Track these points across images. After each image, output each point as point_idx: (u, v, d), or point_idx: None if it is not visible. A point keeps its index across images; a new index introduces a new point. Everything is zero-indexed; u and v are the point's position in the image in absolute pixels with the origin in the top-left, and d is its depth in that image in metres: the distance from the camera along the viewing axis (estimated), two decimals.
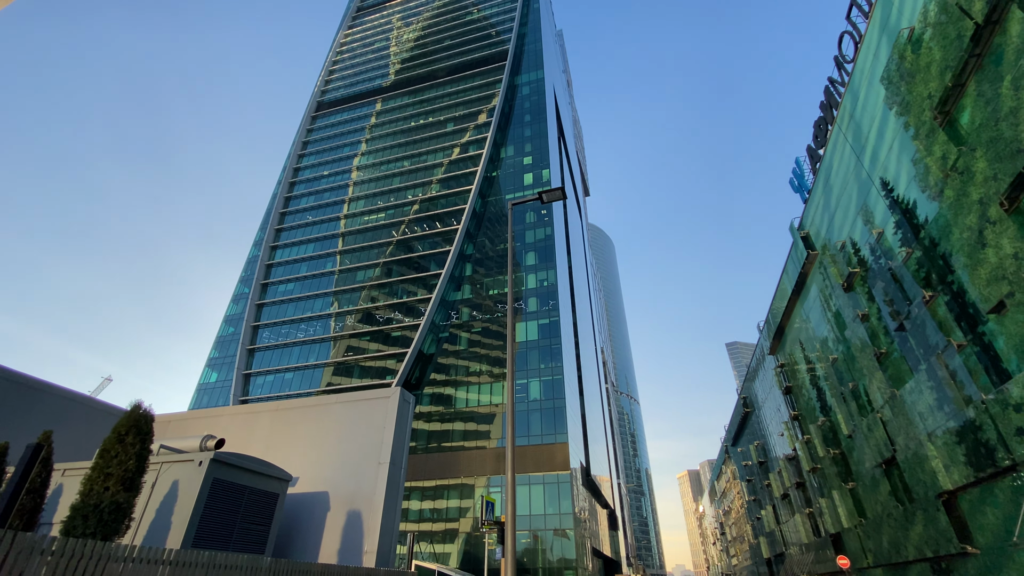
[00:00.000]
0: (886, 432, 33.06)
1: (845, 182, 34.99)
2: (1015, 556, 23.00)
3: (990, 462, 23.29)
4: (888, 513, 34.23)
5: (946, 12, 21.25)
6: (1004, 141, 19.22)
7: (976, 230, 21.63)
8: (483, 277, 59.10)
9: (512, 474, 8.18)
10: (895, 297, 29.90)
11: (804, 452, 49.56)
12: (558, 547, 39.64)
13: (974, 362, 24.29)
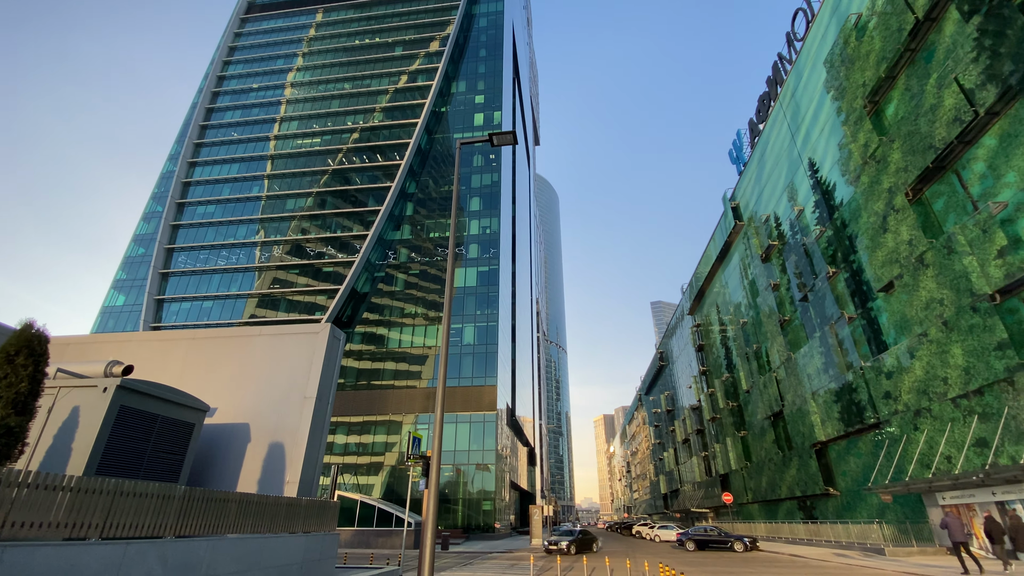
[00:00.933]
0: (778, 389, 37.23)
1: (778, 159, 36.90)
2: (866, 498, 27.40)
3: (859, 419, 27.07)
4: (770, 458, 39.21)
5: (892, 2, 22.15)
6: (920, 136, 20.96)
7: (881, 216, 23.86)
8: (424, 218, 57.46)
9: (440, 412, 8.34)
10: (804, 271, 32.78)
11: (707, 403, 54.85)
12: (479, 480, 41.98)
13: (860, 333, 27.54)
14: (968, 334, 18.74)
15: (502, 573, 17.83)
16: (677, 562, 21.20)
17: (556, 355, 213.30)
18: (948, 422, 20.08)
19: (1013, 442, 16.85)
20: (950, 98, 19.05)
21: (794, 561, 21.65)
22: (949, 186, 20.51)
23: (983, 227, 17.97)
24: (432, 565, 6.54)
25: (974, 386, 18.60)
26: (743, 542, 28.01)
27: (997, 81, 16.94)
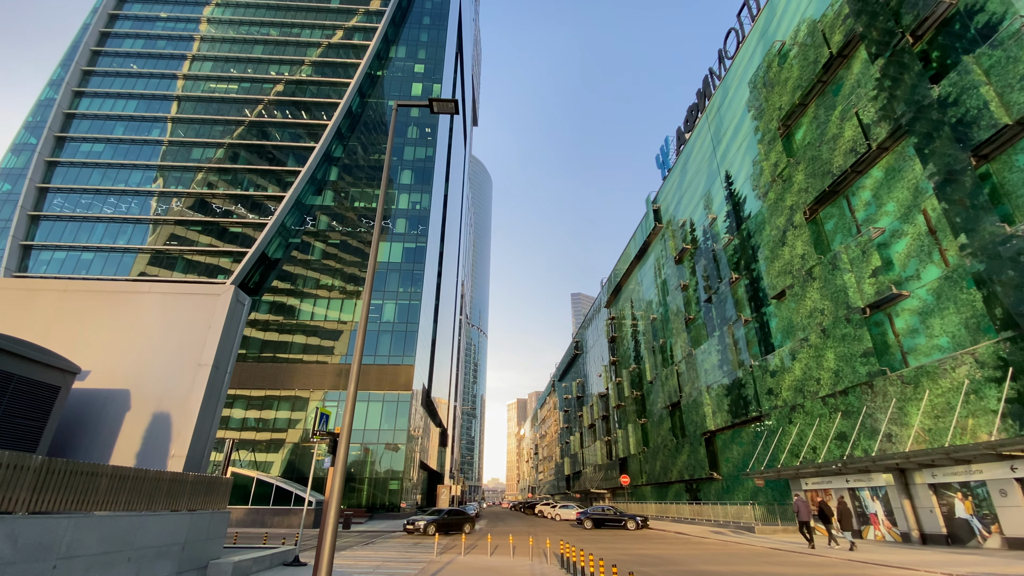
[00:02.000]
0: (678, 382, 40.24)
1: (699, 168, 39.34)
2: (744, 482, 30.51)
3: (744, 412, 29.98)
4: (665, 444, 42.43)
5: (812, 36, 24.18)
6: (820, 161, 23.25)
7: (782, 230, 26.32)
8: (349, 186, 54.37)
9: (354, 389, 7.93)
10: (711, 275, 35.46)
11: (614, 391, 58.05)
12: (387, 459, 41.24)
13: (752, 335, 30.38)
14: (840, 342, 21.30)
15: (405, 551, 17.66)
16: (576, 539, 22.29)
17: (477, 339, 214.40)
18: (817, 418, 22.81)
19: (867, 437, 19.49)
20: (850, 130, 21.27)
21: (679, 538, 23.64)
22: (840, 209, 23.01)
23: (863, 248, 20.39)
24: (334, 544, 6.21)
25: (841, 387, 21.24)
26: (636, 521, 30.09)
27: (890, 120, 19.14)
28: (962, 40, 17.06)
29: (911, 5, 18.48)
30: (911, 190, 18.80)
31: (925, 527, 17.62)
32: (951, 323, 16.93)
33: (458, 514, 26.44)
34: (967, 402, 15.65)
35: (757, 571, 12.84)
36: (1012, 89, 14.65)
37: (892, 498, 18.86)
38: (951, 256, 17.09)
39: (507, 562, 14.53)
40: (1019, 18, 14.64)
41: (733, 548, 18.72)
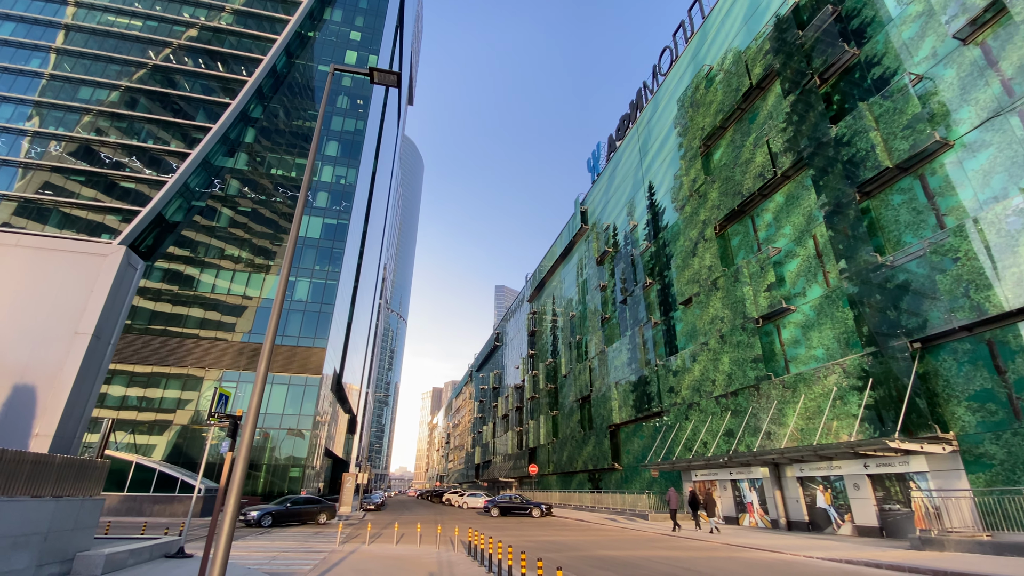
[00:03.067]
0: (590, 377, 42.14)
1: (626, 176, 41.22)
2: (641, 473, 32.68)
3: (647, 407, 32.07)
4: (573, 436, 44.31)
5: (736, 65, 26.15)
6: (733, 182, 25.32)
7: (694, 242, 28.36)
8: (267, 151, 50.21)
9: (265, 370, 7.38)
10: (628, 278, 37.42)
11: (530, 383, 59.51)
12: (289, 446, 39.01)
13: (660, 337, 32.52)
14: (736, 348, 23.44)
15: (304, 541, 16.87)
16: (483, 527, 22.62)
17: (396, 325, 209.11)
18: (710, 415, 24.96)
19: (751, 434, 21.67)
20: (760, 156, 23.34)
21: (580, 525, 24.84)
22: (745, 227, 25.23)
23: (761, 265, 22.54)
24: (231, 536, 5.73)
25: (732, 388, 23.40)
26: (540, 509, 31.17)
27: (794, 151, 21.26)
28: (860, 88, 19.36)
29: (821, 51, 20.62)
30: (805, 216, 21.08)
31: (791, 515, 20.01)
32: (827, 337, 19.27)
33: (310, 503, 23.77)
34: (834, 407, 17.94)
35: (650, 555, 13.83)
36: (895, 137, 16.90)
37: (766, 489, 21.19)
38: (832, 278, 19.42)
39: (413, 550, 14.39)
40: (908, 75, 16.89)
41: (629, 534, 20.02)
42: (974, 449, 14.02)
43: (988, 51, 15.01)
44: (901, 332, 15.83)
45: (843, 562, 12.09)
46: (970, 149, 15.12)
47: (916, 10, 17.26)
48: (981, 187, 14.73)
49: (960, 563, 10.71)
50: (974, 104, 15.10)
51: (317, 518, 23.99)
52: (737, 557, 13.38)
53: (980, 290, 13.79)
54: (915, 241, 16.21)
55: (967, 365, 14.46)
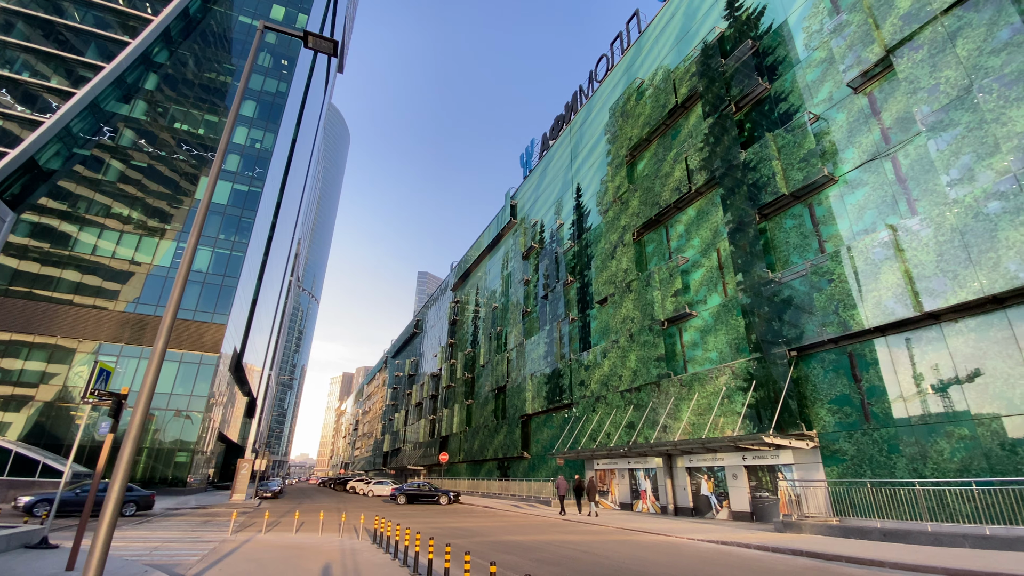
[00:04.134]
0: (507, 368, 42.94)
1: (556, 175, 42.26)
2: (548, 461, 33.96)
3: (558, 399, 33.36)
4: (486, 425, 44.96)
5: (665, 82, 27.74)
6: (652, 193, 26.94)
7: (613, 246, 29.84)
8: (171, 102, 44.83)
9: (163, 345, 6.80)
10: (551, 274, 38.55)
11: (447, 372, 59.34)
12: (176, 428, 35.62)
13: (576, 332, 33.92)
14: (642, 347, 25.09)
15: (192, 530, 15.62)
16: (389, 514, 22.33)
17: (307, 304, 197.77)
18: (615, 408, 26.54)
19: (649, 427, 23.36)
20: (678, 171, 25.02)
21: (486, 511, 25.36)
22: (659, 236, 26.98)
23: (670, 272, 24.27)
24: (114, 524, 5.21)
25: (636, 384, 25.05)
26: (448, 496, 31.35)
27: (708, 170, 23.04)
28: (768, 119, 21.40)
29: (739, 80, 22.50)
30: (712, 231, 22.99)
31: (679, 502, 21.92)
32: (721, 341, 21.24)
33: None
34: (722, 404, 19.87)
35: (551, 539, 14.51)
36: (793, 167, 18.93)
37: (659, 477, 23.01)
38: (730, 289, 21.41)
39: (314, 539, 13.90)
40: (808, 113, 18.97)
41: (532, 520, 20.81)
42: (831, 446, 16.26)
43: (874, 101, 17.28)
44: (782, 341, 17.89)
45: (719, 543, 13.52)
46: (850, 186, 17.37)
47: (820, 56, 19.40)
48: (856, 220, 17.00)
49: (812, 544, 12.41)
50: (857, 146, 17.35)
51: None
52: (629, 540, 14.46)
53: (847, 309, 15.95)
54: (800, 262, 18.34)
55: (831, 373, 16.70)
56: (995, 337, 12.90)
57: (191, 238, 7.37)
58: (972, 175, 13.55)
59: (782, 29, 21.42)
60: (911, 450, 14.08)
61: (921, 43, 15.52)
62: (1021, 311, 12.52)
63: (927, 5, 15.51)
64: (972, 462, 12.82)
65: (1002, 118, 13.16)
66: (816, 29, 19.76)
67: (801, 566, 10.10)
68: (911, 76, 15.54)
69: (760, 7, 22.82)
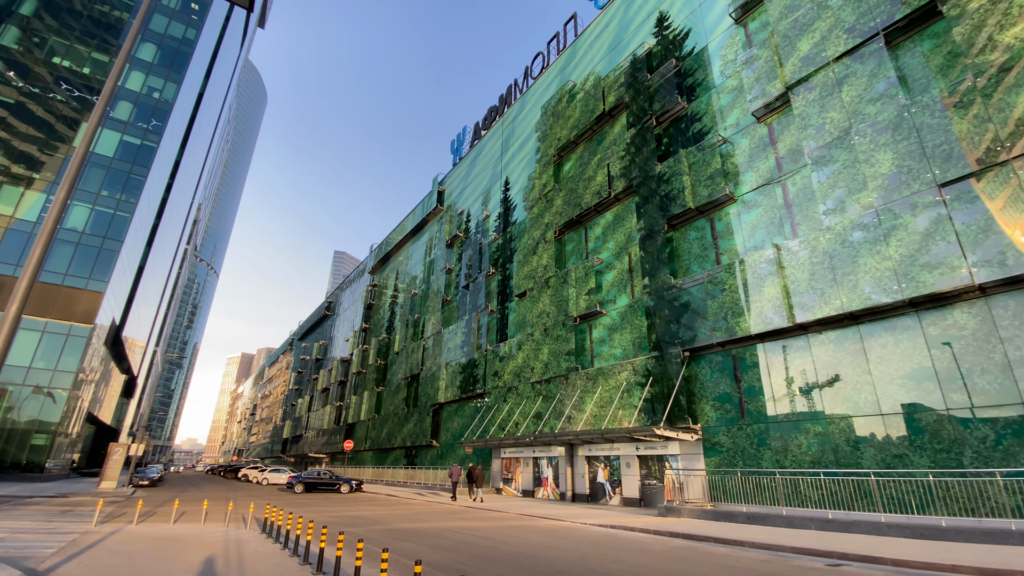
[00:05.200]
0: (422, 356, 42.43)
1: (485, 166, 42.26)
2: (457, 450, 34.14)
3: (472, 389, 33.61)
4: (396, 413, 44.15)
5: (595, 88, 28.73)
6: (576, 194, 27.89)
7: (536, 241, 30.53)
8: (51, 32, 38.56)
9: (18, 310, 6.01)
10: (474, 265, 38.60)
11: (359, 357, 57.33)
12: (35, 407, 31.02)
13: (494, 324, 34.33)
14: (555, 341, 26.01)
15: (49, 520, 13.81)
16: (284, 503, 21.25)
17: (204, 276, 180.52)
18: (525, 399, 27.29)
19: (555, 418, 24.31)
20: (601, 176, 26.12)
21: (389, 499, 25.01)
22: (579, 236, 28.03)
23: (586, 271, 25.34)
24: None
25: (547, 376, 25.94)
26: (350, 484, 30.46)
27: (627, 179, 24.28)
28: (683, 136, 22.97)
29: (661, 96, 23.90)
30: (626, 236, 24.32)
31: (577, 488, 23.10)
32: (626, 339, 22.61)
33: None
34: (622, 398, 21.19)
35: (452, 525, 14.68)
36: (700, 184, 20.51)
37: (561, 466, 24.07)
38: (637, 291, 22.81)
39: (195, 529, 12.91)
40: (717, 135, 20.62)
41: (435, 507, 20.88)
42: (712, 438, 17.99)
43: (772, 131, 19.19)
44: (677, 342, 19.44)
45: (607, 527, 14.48)
46: (747, 206, 19.20)
47: (732, 84, 21.14)
48: (748, 237, 18.84)
49: (687, 527, 13.69)
50: (755, 171, 19.20)
51: None
52: (527, 525, 15.03)
53: (734, 316, 17.68)
54: (699, 271, 19.99)
55: (717, 373, 18.44)
56: (849, 349, 14.99)
57: (61, 190, 6.51)
58: (843, 207, 15.58)
59: (703, 54, 23.05)
60: (776, 444, 16.00)
61: (815, 85, 17.48)
62: (871, 327, 14.65)
63: (823, 51, 17.48)
64: (823, 456, 14.84)
65: (871, 159, 15.24)
66: (731, 59, 21.51)
67: (675, 546, 11.14)
68: (804, 113, 17.48)
69: (685, 30, 24.36)
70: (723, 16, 22.40)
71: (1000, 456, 11.71)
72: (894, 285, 13.71)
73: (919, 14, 15.45)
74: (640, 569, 8.63)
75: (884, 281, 13.95)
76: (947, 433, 12.60)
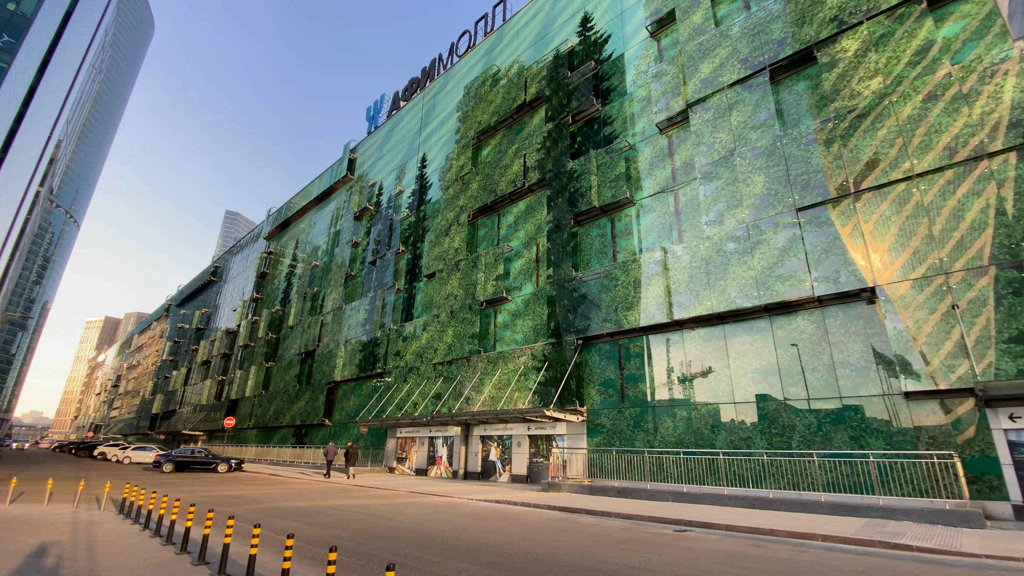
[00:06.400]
0: (320, 332, 40.48)
1: (403, 139, 40.92)
2: (351, 429, 33.30)
3: (371, 368, 32.85)
4: (286, 390, 41.81)
5: (519, 77, 29.02)
6: (492, 180, 28.16)
7: (449, 223, 30.39)
8: None
9: None
10: (383, 240, 37.43)
11: (247, 329, 53.16)
12: None
13: (399, 303, 33.73)
14: (460, 323, 26.30)
15: None
16: (149, 483, 19.41)
17: (60, 225, 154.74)
18: (426, 379, 27.35)
19: (454, 398, 24.70)
20: (517, 165, 26.62)
21: (273, 479, 23.86)
22: (492, 222, 28.42)
23: (496, 257, 25.85)
24: None
25: (450, 358, 26.20)
26: (228, 464, 28.54)
27: (542, 171, 25.01)
28: (596, 137, 24.12)
29: (579, 96, 24.84)
30: (536, 227, 25.15)
31: (469, 467, 23.78)
32: (527, 326, 23.53)
33: None
34: (519, 381, 22.10)
35: (338, 504, 14.50)
36: (605, 185, 21.76)
37: (455, 445, 24.59)
38: (541, 280, 23.77)
39: (35, 511, 11.47)
40: (624, 141, 21.94)
41: (323, 487, 20.37)
42: (595, 420, 19.48)
43: (671, 144, 20.86)
44: (573, 330, 20.67)
45: (492, 502, 15.21)
46: (644, 210, 20.78)
47: (642, 95, 22.57)
48: (643, 238, 20.43)
49: (565, 500, 14.82)
50: (654, 178, 20.79)
51: None
52: (415, 502, 15.29)
53: (624, 310, 19.19)
54: (598, 266, 21.34)
55: (605, 361, 19.94)
56: (715, 345, 17.01)
57: None
58: (722, 219, 17.51)
59: (620, 60, 24.28)
60: (648, 426, 17.77)
61: (710, 106, 19.28)
62: (734, 327, 16.73)
63: (720, 76, 19.29)
64: (686, 437, 16.77)
65: (748, 180, 17.24)
66: (644, 69, 22.93)
67: (550, 518, 12.07)
68: (699, 131, 19.23)
69: (607, 35, 25.46)
70: (641, 27, 23.74)
71: (820, 440, 14.12)
72: (754, 292, 15.79)
73: (799, 56, 17.64)
74: (515, 538, 9.28)
75: (747, 288, 16.00)
76: (783, 420, 14.90)
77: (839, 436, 13.83)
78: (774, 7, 18.48)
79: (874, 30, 15.91)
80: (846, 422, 13.83)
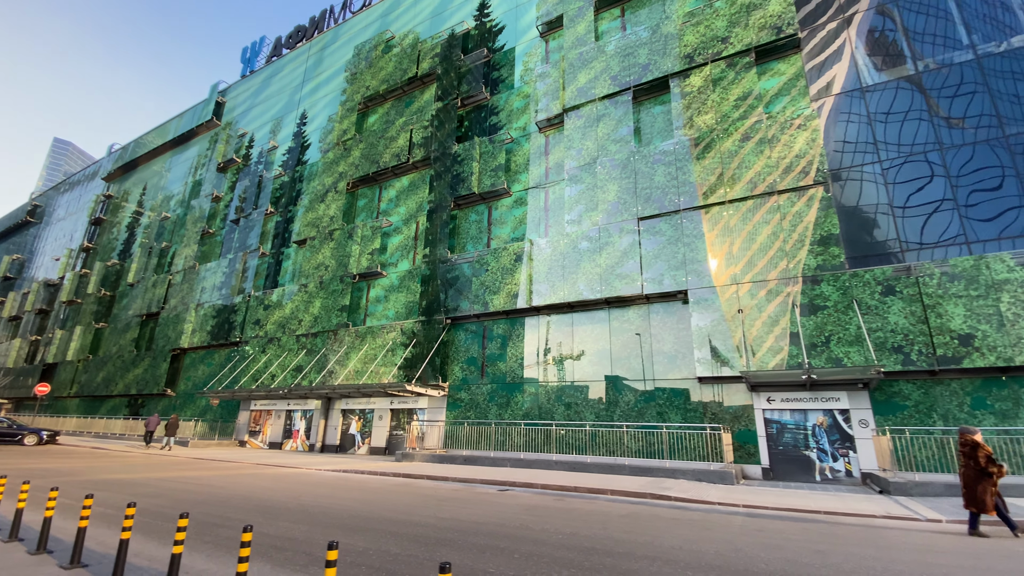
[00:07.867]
0: (167, 292, 36.26)
1: (282, 91, 37.70)
2: (198, 401, 30.70)
3: (225, 336, 30.44)
4: (120, 355, 36.89)
5: (413, 50, 28.42)
6: (376, 151, 27.49)
7: (326, 189, 29.04)
8: None
9: None
10: (249, 198, 34.44)
11: (73, 283, 45.47)
12: None
13: (264, 268, 31.54)
14: (330, 295, 25.64)
15: None
16: None
17: None
18: (287, 351, 26.28)
19: (316, 371, 24.18)
20: (403, 140, 26.35)
21: (95, 452, 21.39)
22: (373, 193, 27.86)
23: (373, 231, 25.53)
24: None
25: (315, 330, 25.46)
26: (39, 435, 24.80)
27: (427, 149, 25.10)
28: (482, 125, 24.81)
29: (469, 81, 25.25)
30: (417, 205, 25.30)
31: (328, 440, 23.62)
32: (400, 302, 23.80)
33: None
34: (385, 356, 22.39)
35: (169, 475, 13.76)
36: (486, 173, 22.65)
37: (315, 418, 24.20)
38: (418, 259, 24.12)
39: None
40: (507, 133, 22.95)
41: (156, 460, 18.89)
42: (455, 395, 20.62)
43: (548, 143, 22.35)
44: (443, 310, 21.49)
45: (341, 472, 15.59)
46: (519, 202, 22.11)
47: (527, 91, 23.72)
48: (514, 229, 21.80)
49: (413, 468, 15.72)
50: (530, 174, 22.17)
51: None
52: (258, 473, 15.07)
53: (491, 294, 20.44)
54: (472, 251, 22.31)
55: (470, 339, 21.10)
56: (564, 330, 19.01)
57: None
58: (580, 220, 19.43)
59: (511, 53, 25.14)
60: (501, 400, 19.36)
61: (583, 114, 21.04)
62: (580, 316, 18.83)
63: (593, 88, 21.09)
64: (532, 411, 18.62)
65: (605, 187, 19.29)
66: (531, 67, 24.06)
67: (392, 483, 12.88)
68: (571, 136, 20.92)
69: (501, 25, 26.11)
70: (532, 26, 24.79)
71: (635, 415, 16.72)
72: (598, 287, 17.95)
73: (657, 83, 20.00)
74: (348, 501, 9.91)
75: (593, 283, 18.12)
76: (609, 397, 17.32)
77: (649, 411, 16.56)
78: (643, 34, 20.64)
79: (714, 72, 18.69)
80: (656, 400, 16.59)
